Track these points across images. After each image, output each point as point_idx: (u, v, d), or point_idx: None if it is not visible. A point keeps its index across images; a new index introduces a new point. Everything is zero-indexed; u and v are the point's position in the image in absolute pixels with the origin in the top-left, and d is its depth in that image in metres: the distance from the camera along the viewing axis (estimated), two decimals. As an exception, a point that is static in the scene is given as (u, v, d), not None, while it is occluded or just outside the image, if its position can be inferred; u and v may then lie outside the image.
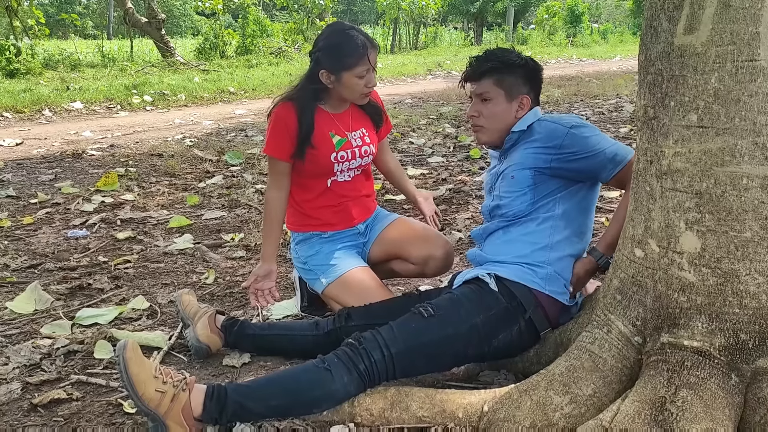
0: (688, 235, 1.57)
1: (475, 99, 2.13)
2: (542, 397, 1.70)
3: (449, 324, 1.89)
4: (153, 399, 1.66)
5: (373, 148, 2.53)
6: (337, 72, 2.30)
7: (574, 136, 2.00)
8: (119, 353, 1.69)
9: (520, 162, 2.06)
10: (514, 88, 2.09)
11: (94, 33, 31.78)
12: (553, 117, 2.10)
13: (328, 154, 2.40)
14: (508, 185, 2.08)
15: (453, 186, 4.71)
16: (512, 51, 2.14)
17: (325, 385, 1.76)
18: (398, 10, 22.41)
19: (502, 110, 2.10)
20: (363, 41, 2.29)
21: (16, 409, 1.97)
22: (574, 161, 1.99)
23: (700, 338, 1.57)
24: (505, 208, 2.08)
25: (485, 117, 2.11)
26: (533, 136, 2.07)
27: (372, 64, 2.31)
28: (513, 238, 2.06)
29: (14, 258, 3.35)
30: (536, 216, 2.04)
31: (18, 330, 2.52)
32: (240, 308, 2.74)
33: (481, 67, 2.10)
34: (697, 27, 1.48)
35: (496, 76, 2.08)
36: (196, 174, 5.36)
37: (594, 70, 16.14)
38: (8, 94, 9.50)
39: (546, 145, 2.02)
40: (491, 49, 2.16)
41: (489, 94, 2.09)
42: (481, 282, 1.99)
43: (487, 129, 2.13)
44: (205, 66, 14.30)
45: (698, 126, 1.51)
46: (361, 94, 2.36)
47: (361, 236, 2.58)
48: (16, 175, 5.32)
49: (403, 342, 1.85)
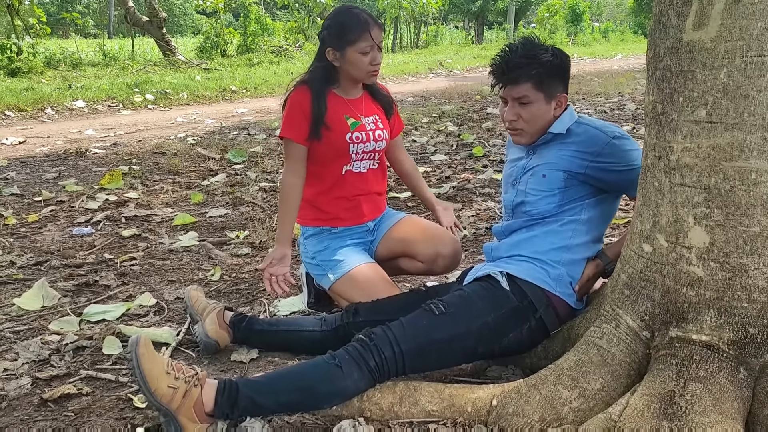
0: (696, 230, 1.57)
1: (512, 102, 2.03)
2: (551, 392, 1.71)
3: (460, 322, 1.90)
4: (165, 395, 1.67)
5: (386, 134, 2.55)
6: (342, 48, 2.35)
7: (615, 146, 1.97)
8: (132, 349, 1.69)
9: (555, 162, 2.03)
10: (552, 89, 2.01)
11: (95, 32, 31.76)
12: (595, 122, 2.07)
13: (343, 134, 2.43)
14: (537, 183, 2.06)
15: (456, 184, 4.72)
16: (542, 46, 2.02)
17: (336, 381, 1.77)
18: (399, 8, 22.44)
19: (542, 112, 2.02)
20: (365, 18, 2.35)
21: (27, 404, 1.98)
22: (609, 172, 1.98)
23: (708, 332, 1.58)
24: (530, 206, 2.07)
25: (525, 120, 2.02)
26: (570, 138, 2.03)
27: (375, 41, 2.34)
28: (534, 235, 2.06)
29: (20, 255, 3.36)
30: (561, 217, 2.04)
31: (26, 326, 2.53)
32: (247, 304, 2.75)
33: (516, 71, 1.98)
34: (706, 23, 1.49)
35: (535, 79, 1.98)
36: (199, 172, 5.37)
37: (595, 69, 16.15)
38: (10, 92, 9.52)
39: (584, 150, 2.00)
40: (521, 45, 2.02)
41: (528, 97, 1.99)
42: (492, 280, 2.00)
43: (527, 132, 2.05)
44: (207, 65, 14.33)
45: (707, 121, 1.52)
46: (367, 72, 2.39)
47: (370, 234, 2.59)
48: (20, 173, 5.33)
49: (413, 339, 1.85)
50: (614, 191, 2.08)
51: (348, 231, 2.54)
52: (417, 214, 3.92)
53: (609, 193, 2.07)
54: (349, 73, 2.41)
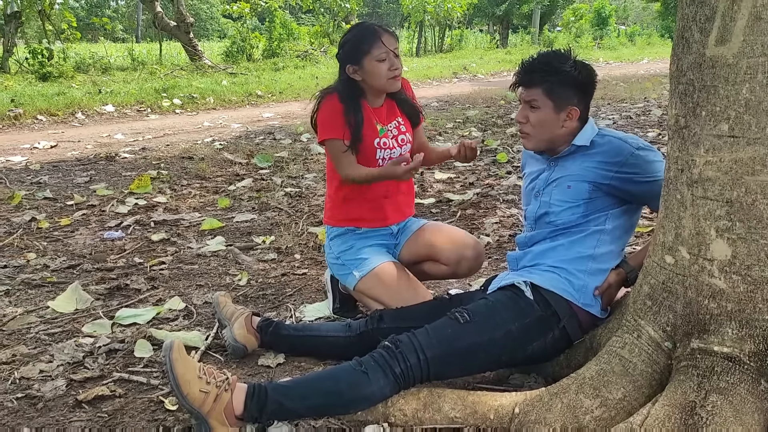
0: (718, 243, 1.59)
1: (524, 104, 2.09)
2: (573, 400, 1.74)
3: (484, 330, 1.93)
4: (197, 399, 1.73)
5: (409, 137, 2.61)
6: (358, 61, 2.41)
7: (639, 157, 2.00)
8: (166, 354, 1.75)
9: (579, 174, 2.06)
10: (564, 100, 2.04)
11: (124, 36, 32.26)
12: (618, 134, 2.10)
13: (372, 138, 2.49)
14: (561, 194, 2.09)
15: (480, 190, 4.75)
16: (568, 57, 2.06)
17: (362, 387, 1.81)
18: (424, 12, 22.47)
19: (548, 120, 2.06)
20: (375, 28, 2.42)
21: (62, 405, 2.04)
22: (634, 183, 2.01)
23: (730, 344, 1.59)
24: (555, 216, 2.10)
25: (532, 124, 2.08)
26: (593, 149, 2.07)
27: (388, 47, 2.39)
28: (559, 244, 2.09)
29: (53, 259, 3.46)
30: (586, 227, 2.06)
31: (60, 329, 2.61)
32: (273, 309, 2.80)
33: (532, 74, 2.05)
34: (728, 38, 1.51)
35: (547, 85, 2.03)
36: (226, 177, 5.45)
37: (621, 73, 16.05)
38: (42, 97, 9.71)
39: (608, 161, 2.03)
40: (546, 52, 2.11)
41: (537, 102, 2.05)
42: (516, 289, 2.03)
43: (533, 137, 2.11)
44: (233, 69, 14.47)
45: (729, 135, 1.54)
46: (387, 78, 2.43)
47: (393, 237, 2.64)
48: (53, 177, 5.45)
49: (438, 346, 1.89)
50: (638, 202, 2.10)
51: (372, 232, 2.59)
52: (441, 221, 3.96)
53: (632, 204, 2.09)
54: (371, 84, 2.45)
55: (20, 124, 8.44)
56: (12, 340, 2.52)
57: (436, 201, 4.52)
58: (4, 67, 12.74)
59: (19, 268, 3.31)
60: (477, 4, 28.12)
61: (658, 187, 1.91)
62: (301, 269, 3.28)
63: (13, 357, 2.36)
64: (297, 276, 3.20)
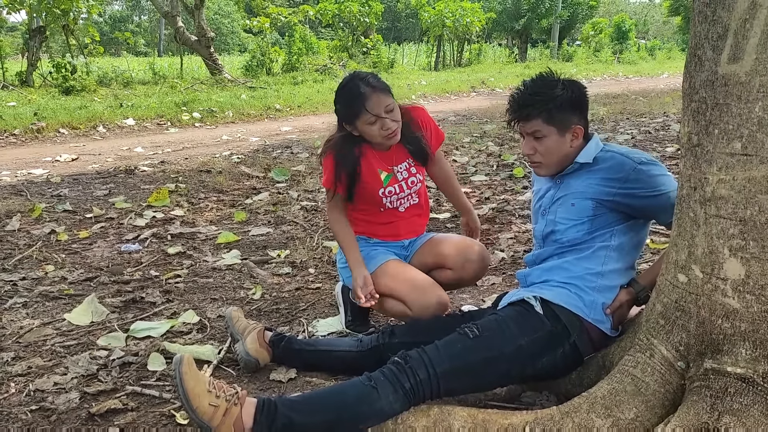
0: (732, 262, 1.58)
1: (527, 137, 2.10)
2: (584, 420, 1.72)
3: (494, 345, 1.93)
4: (207, 412, 1.73)
5: (420, 177, 2.64)
6: (351, 122, 2.46)
7: (641, 172, 1.99)
8: (176, 368, 1.76)
9: (583, 191, 2.07)
10: (565, 121, 2.05)
11: (146, 50, 32.72)
12: (621, 149, 2.10)
13: (376, 190, 2.54)
14: (566, 212, 2.10)
15: (496, 205, 4.73)
16: (554, 80, 2.08)
17: (372, 403, 1.81)
18: (442, 27, 22.53)
19: (556, 145, 2.07)
20: (363, 91, 2.37)
21: (75, 418, 2.06)
22: (637, 198, 2.00)
23: (743, 365, 1.57)
24: (561, 234, 2.11)
25: (541, 154, 2.08)
26: (597, 166, 2.07)
27: (374, 112, 2.37)
28: (566, 261, 2.09)
29: (71, 271, 3.49)
30: (592, 244, 2.06)
31: (76, 341, 2.63)
32: (287, 324, 2.81)
33: (527, 107, 2.05)
34: (741, 56, 1.50)
35: (545, 114, 2.03)
36: (243, 190, 5.49)
37: (641, 88, 15.98)
38: (65, 110, 9.86)
39: (611, 177, 2.03)
40: (533, 81, 2.10)
41: (540, 132, 2.05)
42: (526, 304, 2.03)
43: (545, 165, 2.11)
44: (252, 83, 14.60)
45: (742, 154, 1.52)
46: (381, 137, 2.45)
47: (404, 249, 2.68)
48: (73, 189, 5.52)
49: (448, 362, 1.89)
50: (643, 217, 2.09)
51: (384, 242, 2.65)
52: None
53: (638, 219, 2.09)
54: (369, 140, 2.50)
55: (42, 137, 8.57)
56: (28, 352, 2.54)
57: (451, 216, 4.51)
58: (28, 81, 12.95)
59: (37, 280, 3.35)
60: (496, 18, 28.17)
61: (664, 201, 1.94)
62: (315, 283, 3.29)
63: (28, 369, 2.38)
64: (311, 290, 3.21)
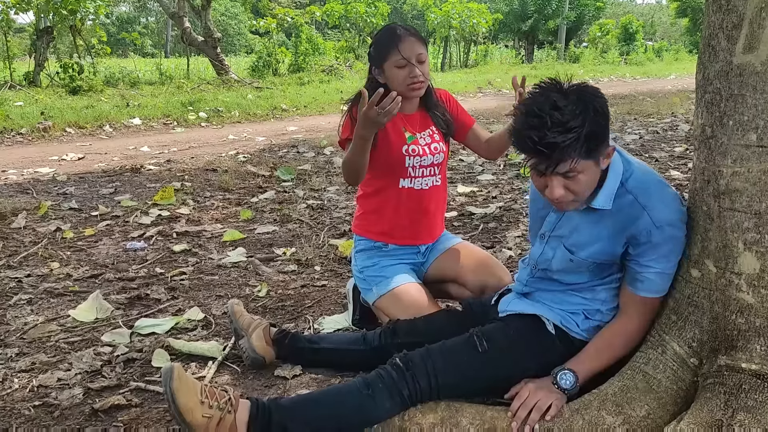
0: (746, 256, 1.54)
1: (555, 179, 1.67)
2: (594, 417, 1.69)
3: (501, 365, 1.88)
4: (200, 425, 1.68)
5: (443, 146, 2.55)
6: (380, 65, 2.41)
7: (656, 237, 1.70)
8: (165, 383, 1.70)
9: (584, 246, 1.83)
10: (599, 148, 1.66)
11: (153, 51, 32.82)
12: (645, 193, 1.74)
13: (400, 145, 2.45)
14: (564, 262, 1.89)
15: (503, 204, 4.70)
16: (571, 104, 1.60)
17: (369, 412, 1.77)
18: (449, 28, 22.52)
19: (594, 176, 1.71)
20: (399, 33, 2.37)
21: (78, 414, 2.04)
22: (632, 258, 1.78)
23: (758, 361, 1.54)
24: (558, 276, 1.95)
25: (576, 192, 1.69)
26: (609, 210, 1.77)
27: (405, 53, 2.34)
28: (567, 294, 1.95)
29: (76, 268, 3.48)
30: (594, 286, 1.92)
31: (80, 337, 2.62)
32: (292, 321, 2.78)
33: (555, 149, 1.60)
34: (756, 46, 1.47)
35: (579, 149, 1.61)
36: (248, 189, 5.47)
37: (648, 89, 15.90)
38: (71, 110, 9.87)
39: (620, 228, 1.76)
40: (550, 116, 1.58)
41: (576, 168, 1.64)
42: (538, 320, 1.93)
43: (579, 200, 1.74)
44: (259, 83, 14.61)
45: (758, 145, 1.49)
46: (405, 85, 2.38)
47: (421, 256, 2.59)
48: (79, 188, 5.51)
49: (452, 374, 1.85)
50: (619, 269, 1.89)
51: (399, 250, 2.55)
52: (463, 234, 3.92)
53: None
54: (394, 88, 2.38)
55: (49, 136, 8.57)
56: (32, 348, 2.53)
57: (458, 214, 4.48)
58: (35, 81, 12.99)
59: (42, 277, 3.34)
60: (502, 19, 28.13)
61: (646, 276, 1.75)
62: (320, 281, 3.27)
63: (32, 365, 2.36)
64: (316, 288, 3.18)
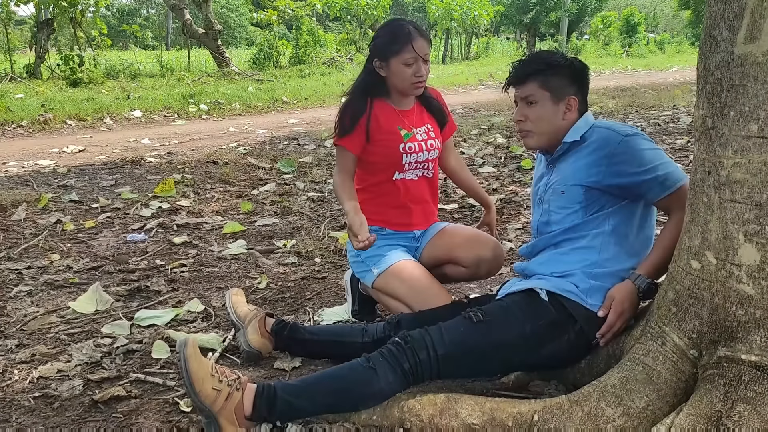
0: (747, 247, 1.54)
1: (521, 103, 2.06)
2: (594, 409, 1.69)
3: (497, 330, 1.90)
4: (209, 396, 1.72)
5: (438, 143, 2.58)
6: (386, 59, 2.41)
7: (628, 144, 1.91)
8: (180, 350, 1.75)
9: (571, 176, 1.99)
10: (561, 89, 2.00)
11: (153, 44, 32.72)
12: (609, 123, 2.02)
13: (396, 144, 2.47)
14: (558, 200, 2.03)
15: (504, 196, 4.69)
16: (556, 52, 2.08)
17: (371, 384, 1.79)
18: (450, 20, 22.46)
19: (549, 113, 2.01)
20: (411, 30, 2.39)
21: (78, 405, 2.04)
22: (625, 176, 1.90)
23: (758, 352, 1.53)
24: (555, 225, 2.05)
25: (532, 121, 2.03)
26: (585, 144, 2.00)
27: (418, 53, 2.36)
28: (562, 253, 2.03)
29: (77, 260, 3.48)
30: (586, 233, 1.99)
31: (80, 329, 2.62)
32: (292, 313, 2.78)
33: (524, 70, 2.03)
34: (758, 36, 1.46)
35: (541, 78, 1.99)
36: (249, 181, 5.47)
37: (650, 81, 15.86)
38: (72, 102, 9.86)
39: (597, 155, 1.94)
40: (537, 51, 2.13)
41: (534, 96, 2.01)
42: (533, 292, 1.98)
43: (535, 133, 2.05)
44: (260, 76, 14.58)
45: (758, 136, 1.48)
46: (410, 83, 2.41)
47: (415, 241, 2.61)
48: (79, 180, 5.51)
49: (450, 344, 1.86)
50: (632, 198, 1.96)
51: (395, 234, 2.57)
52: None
53: (632, 201, 1.98)
54: (395, 84, 2.44)
55: (50, 128, 8.57)
56: (32, 339, 2.53)
57: (458, 207, 4.48)
58: (36, 73, 12.96)
59: (42, 269, 3.34)
60: (504, 12, 28.04)
61: (649, 178, 1.87)
62: (321, 273, 3.26)
63: (32, 356, 2.37)
64: (317, 280, 3.18)
